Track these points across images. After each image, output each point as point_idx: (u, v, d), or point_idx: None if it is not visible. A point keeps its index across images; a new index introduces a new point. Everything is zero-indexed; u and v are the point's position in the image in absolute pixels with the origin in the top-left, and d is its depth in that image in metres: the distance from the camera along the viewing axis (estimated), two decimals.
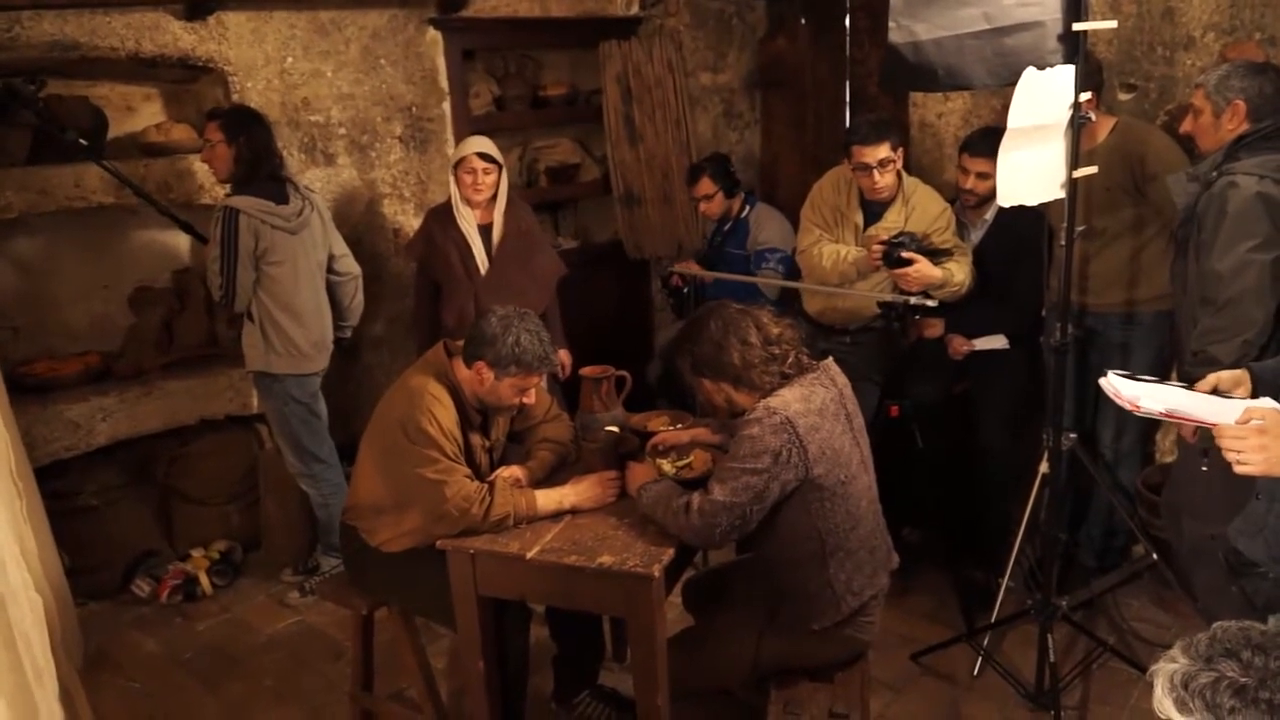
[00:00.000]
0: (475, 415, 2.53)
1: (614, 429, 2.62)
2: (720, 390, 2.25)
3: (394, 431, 2.40)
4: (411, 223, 4.31)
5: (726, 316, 2.24)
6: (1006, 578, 3.01)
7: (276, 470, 3.79)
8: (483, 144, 3.49)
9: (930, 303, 3.09)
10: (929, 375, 3.50)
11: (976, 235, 3.43)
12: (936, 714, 2.82)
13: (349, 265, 3.67)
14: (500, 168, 3.52)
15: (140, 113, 3.95)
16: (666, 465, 2.53)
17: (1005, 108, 2.36)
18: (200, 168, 3.64)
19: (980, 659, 2.96)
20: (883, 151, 3.16)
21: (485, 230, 3.56)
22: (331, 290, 3.61)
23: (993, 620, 3.01)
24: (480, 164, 3.44)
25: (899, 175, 3.28)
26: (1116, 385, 1.80)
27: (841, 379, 2.28)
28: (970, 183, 3.30)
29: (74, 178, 3.48)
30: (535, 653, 2.70)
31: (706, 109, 5.06)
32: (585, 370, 2.73)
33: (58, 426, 3.48)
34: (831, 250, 3.32)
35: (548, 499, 2.39)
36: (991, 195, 3.18)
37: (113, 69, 3.75)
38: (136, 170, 3.63)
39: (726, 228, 4.20)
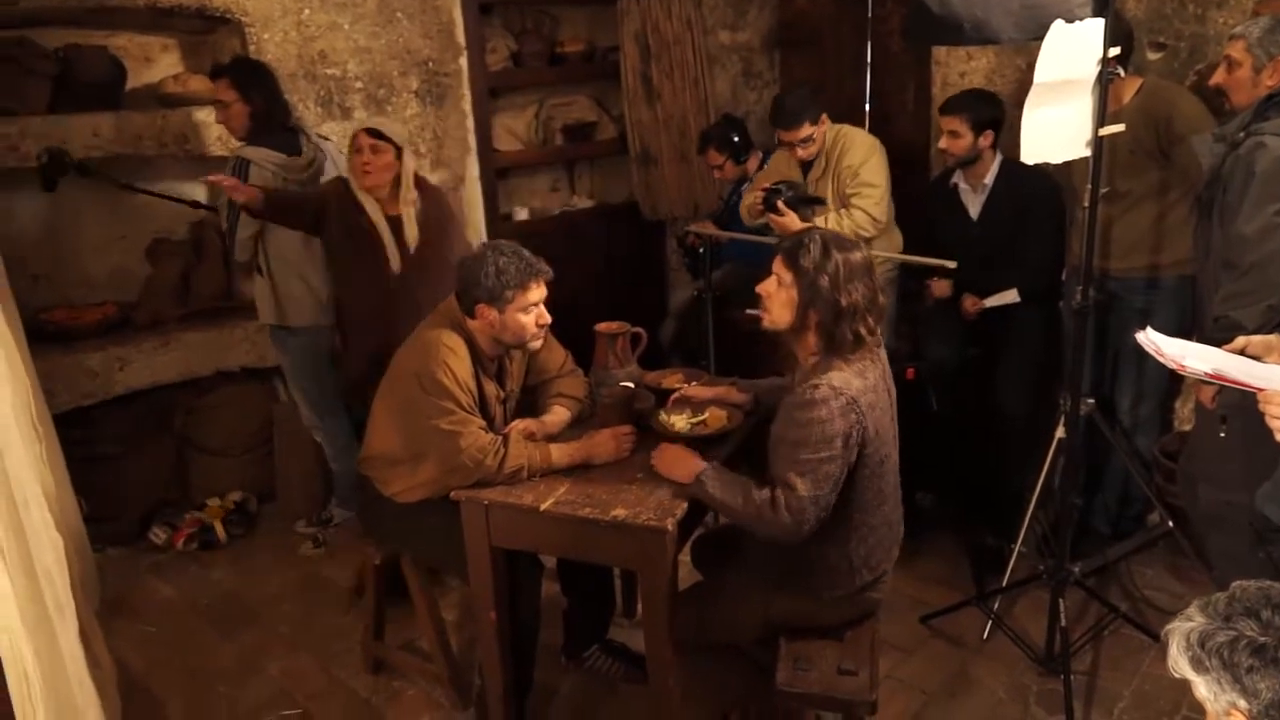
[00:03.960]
0: (490, 365, 2.53)
1: (629, 385, 2.61)
2: (803, 316, 2.09)
3: (409, 383, 2.40)
4: (429, 178, 4.27)
5: (870, 258, 2.13)
6: (1019, 543, 3.01)
7: (291, 423, 3.81)
8: (378, 121, 3.25)
9: (950, 264, 3.06)
10: (943, 337, 3.49)
11: (978, 199, 3.40)
12: (945, 675, 2.83)
13: None
14: (398, 149, 3.09)
15: (158, 64, 3.93)
16: (680, 422, 2.53)
17: (1030, 68, 2.31)
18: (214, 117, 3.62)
19: (990, 623, 2.96)
20: (803, 132, 3.50)
21: (394, 222, 3.12)
22: None
23: (1004, 584, 3.01)
24: (368, 140, 3.04)
25: (824, 136, 3.57)
26: (1158, 342, 1.75)
27: (883, 351, 2.22)
28: (944, 141, 3.35)
29: (92, 127, 3.47)
30: (546, 607, 2.73)
31: (725, 68, 5.00)
32: (601, 326, 2.72)
33: (77, 375, 3.50)
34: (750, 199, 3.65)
35: (562, 453, 2.39)
36: (968, 155, 3.30)
37: (131, 19, 3.73)
38: (154, 121, 3.62)
39: (744, 188, 4.17)
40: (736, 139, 4.16)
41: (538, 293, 2.43)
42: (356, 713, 2.79)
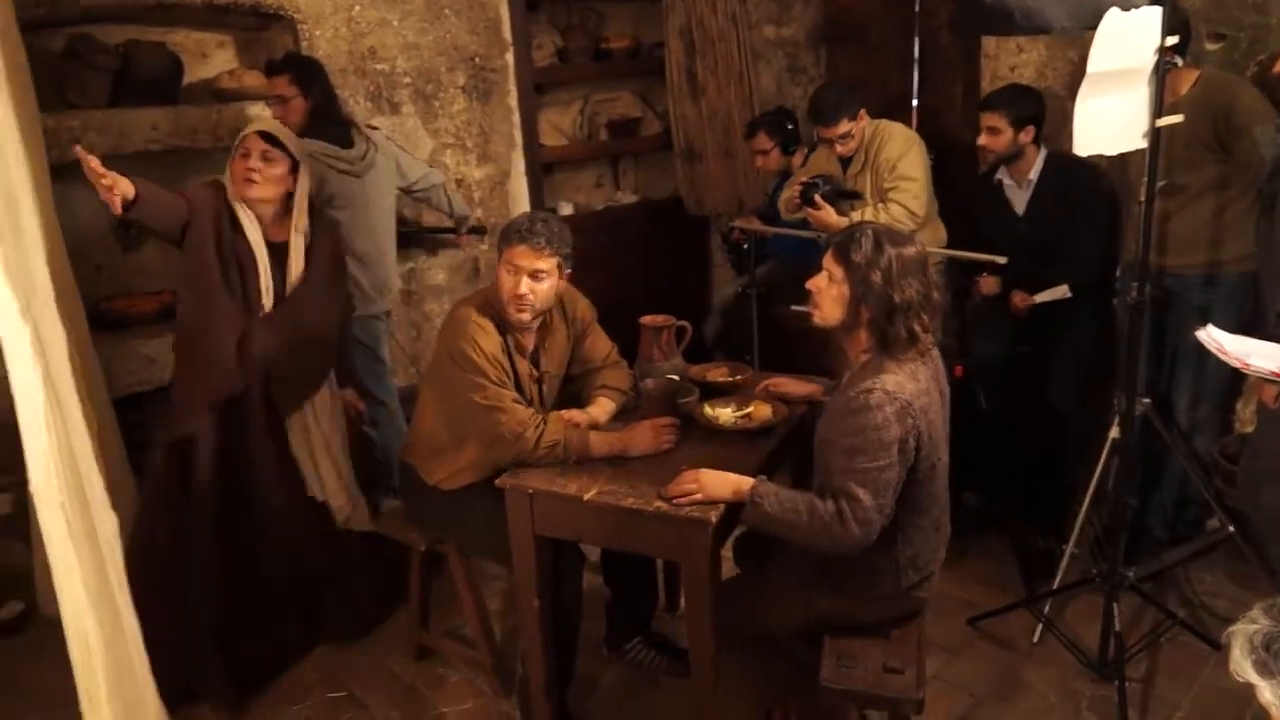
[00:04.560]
0: (522, 342, 2.54)
1: (673, 377, 2.61)
2: (854, 313, 2.06)
3: (444, 362, 2.45)
4: (474, 173, 4.33)
5: (924, 253, 2.08)
6: (1071, 545, 2.95)
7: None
8: (271, 124, 2.77)
9: (999, 260, 3.02)
10: (991, 334, 3.44)
11: (1023, 195, 3.35)
12: (993, 678, 2.78)
13: (430, 179, 3.74)
14: (293, 164, 2.66)
15: (213, 59, 4.00)
16: (726, 415, 2.52)
17: (1083, 60, 2.27)
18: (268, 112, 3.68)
19: (1041, 626, 2.91)
20: (841, 128, 3.48)
21: (275, 250, 2.69)
22: (427, 203, 3.83)
23: (1055, 587, 2.95)
24: (260, 145, 2.60)
25: (863, 131, 3.55)
26: (1220, 339, 1.71)
27: (936, 351, 2.18)
28: (983, 138, 3.30)
29: (151, 121, 3.55)
30: (587, 599, 2.74)
31: (770, 63, 4.97)
32: (646, 319, 2.72)
33: (134, 361, 3.58)
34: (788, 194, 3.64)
35: (601, 440, 2.40)
36: (1008, 152, 3.26)
37: (189, 16, 3.80)
38: (209, 116, 3.69)
39: (787, 183, 4.15)
40: (789, 127, 4.14)
41: (523, 257, 2.38)
42: (401, 697, 2.82)
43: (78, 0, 3.43)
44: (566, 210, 4.86)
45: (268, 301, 2.66)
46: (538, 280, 2.40)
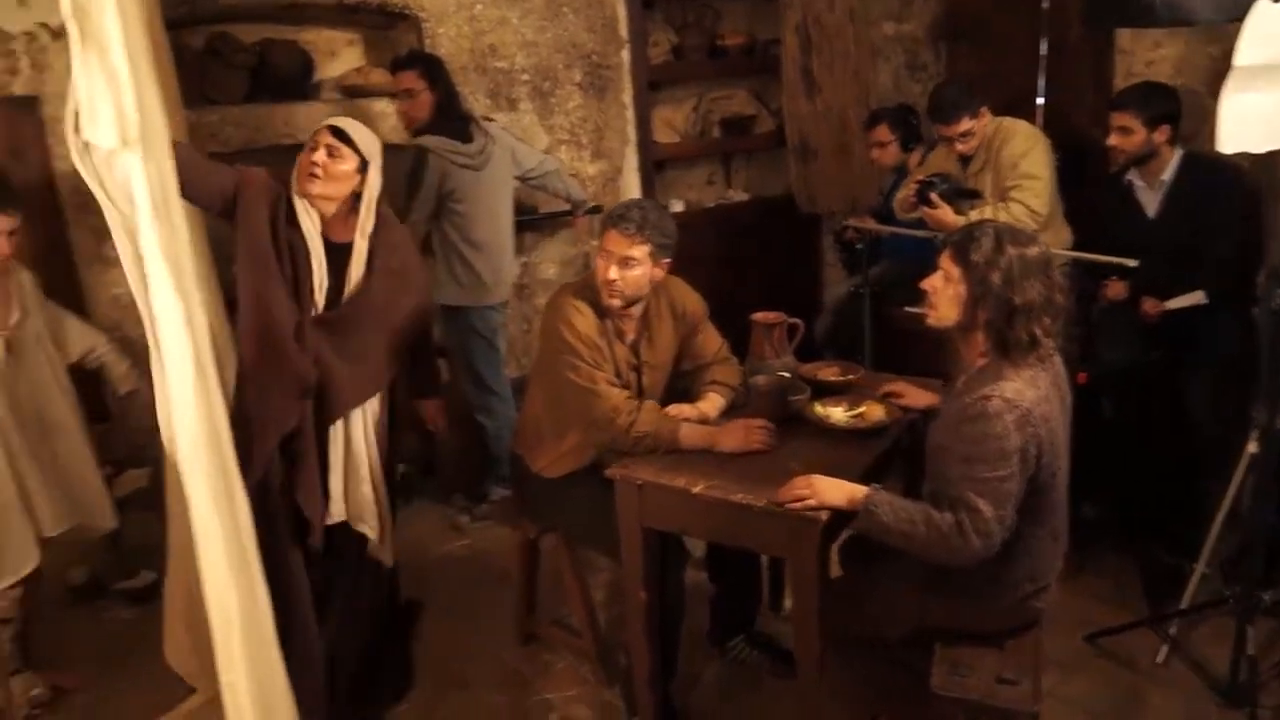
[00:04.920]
0: (622, 328, 2.55)
1: (784, 374, 2.59)
2: (971, 314, 2.00)
3: (545, 345, 2.52)
4: (588, 169, 4.38)
5: (1048, 254, 2.01)
6: (1202, 564, 2.81)
7: (453, 402, 3.95)
8: (345, 121, 2.47)
9: (1130, 263, 2.89)
10: (1118, 341, 3.29)
11: (1155, 196, 3.19)
12: (1113, 698, 2.67)
13: (545, 165, 3.82)
14: (362, 163, 2.42)
15: (342, 57, 4.16)
16: (837, 413, 2.49)
17: (1224, 57, 2.15)
18: (392, 107, 3.80)
19: (1166, 646, 2.77)
20: (962, 126, 3.39)
21: (335, 252, 2.46)
22: (544, 190, 3.89)
23: (1183, 606, 2.81)
24: (328, 139, 2.40)
25: (985, 129, 3.45)
26: None
27: (1058, 356, 2.10)
28: (1114, 139, 3.15)
29: (284, 116, 3.71)
30: (692, 595, 2.75)
31: (888, 59, 4.87)
32: (758, 316, 2.71)
33: None
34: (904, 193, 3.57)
35: (690, 432, 2.40)
36: (1140, 152, 3.10)
37: (320, 15, 3.97)
38: (337, 112, 3.83)
39: (902, 182, 4.06)
40: (912, 122, 4.06)
41: (614, 243, 2.39)
42: (507, 680, 2.88)
43: (216, 0, 3.62)
44: (677, 207, 4.87)
45: (320, 300, 2.43)
46: (627, 267, 2.41)
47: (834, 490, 2.06)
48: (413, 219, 3.50)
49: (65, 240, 3.44)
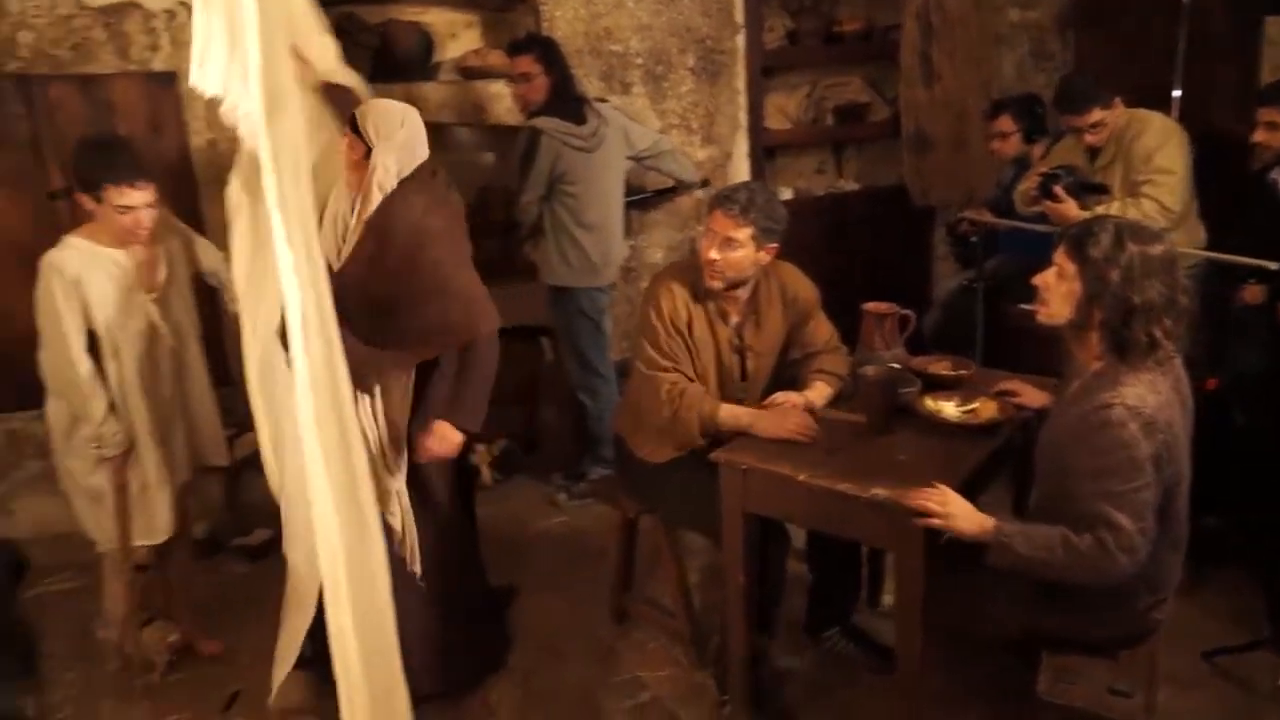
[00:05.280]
0: (726, 310, 2.55)
1: (894, 366, 2.55)
2: (1086, 313, 1.93)
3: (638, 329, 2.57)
4: (697, 154, 4.37)
5: (1173, 252, 1.93)
6: None
7: (556, 382, 4.04)
8: (364, 108, 2.46)
9: (1271, 265, 2.74)
10: (1253, 346, 3.12)
11: None
12: (1229, 718, 2.55)
13: (659, 145, 3.84)
14: (369, 150, 2.37)
15: (461, 39, 4.25)
16: (949, 408, 2.44)
17: None
18: (509, 89, 3.86)
19: None
20: (1092, 116, 3.28)
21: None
22: (657, 170, 3.92)
23: None
24: (345, 130, 2.45)
25: (1116, 121, 3.32)
26: None
27: (1178, 360, 2.01)
28: (1260, 134, 2.99)
29: (404, 96, 3.78)
30: (792, 584, 2.74)
31: (1012, 48, 4.72)
32: (869, 306, 2.66)
33: None
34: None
35: (729, 414, 2.44)
36: None
37: None
38: (456, 93, 3.93)
39: (1023, 175, 3.93)
40: (1037, 112, 3.92)
41: (718, 222, 2.41)
42: (601, 655, 2.92)
43: None
44: (786, 195, 4.82)
45: (339, 259, 2.42)
46: (730, 248, 2.41)
47: (967, 517, 1.98)
48: (524, 200, 3.56)
49: (198, 212, 3.61)
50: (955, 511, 1.98)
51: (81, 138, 2.68)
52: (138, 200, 2.52)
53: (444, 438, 2.49)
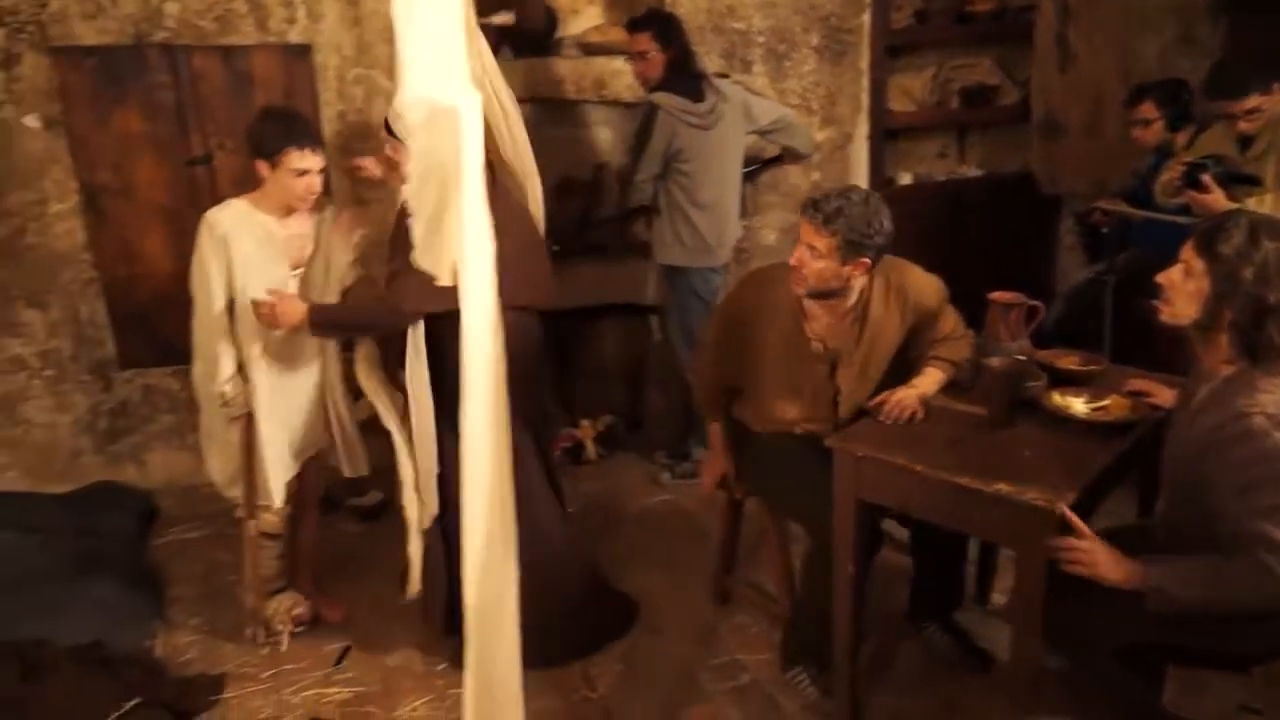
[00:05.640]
0: (816, 317, 2.50)
1: (1020, 358, 2.46)
2: (1214, 313, 1.84)
3: None
4: (816, 135, 4.29)
5: None
6: None
7: (663, 360, 4.04)
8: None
9: None
10: None
11: None
12: None
13: (785, 119, 3.74)
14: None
15: (584, 15, 4.26)
16: (1078, 404, 2.35)
17: None
18: (629, 66, 3.85)
19: None
20: (1250, 102, 3.11)
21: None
22: (778, 144, 3.84)
23: None
24: (388, 137, 2.61)
25: (1275, 107, 3.12)
26: None
27: None
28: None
29: (527, 70, 3.85)
30: (898, 575, 2.72)
31: (1157, 31, 4.46)
32: (995, 295, 2.57)
33: None
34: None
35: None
36: None
37: None
38: (576, 69, 3.94)
39: (1165, 164, 3.73)
40: (1184, 98, 3.71)
41: (803, 228, 2.34)
42: (701, 635, 2.93)
43: None
44: (905, 180, 4.70)
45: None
46: (812, 256, 2.32)
47: (1113, 565, 1.89)
48: (639, 178, 3.54)
49: (326, 182, 3.72)
50: (1101, 560, 1.89)
51: (263, 107, 2.76)
52: (313, 164, 2.61)
53: (286, 305, 2.55)
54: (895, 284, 2.51)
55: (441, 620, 2.76)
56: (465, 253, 1.76)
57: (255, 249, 2.64)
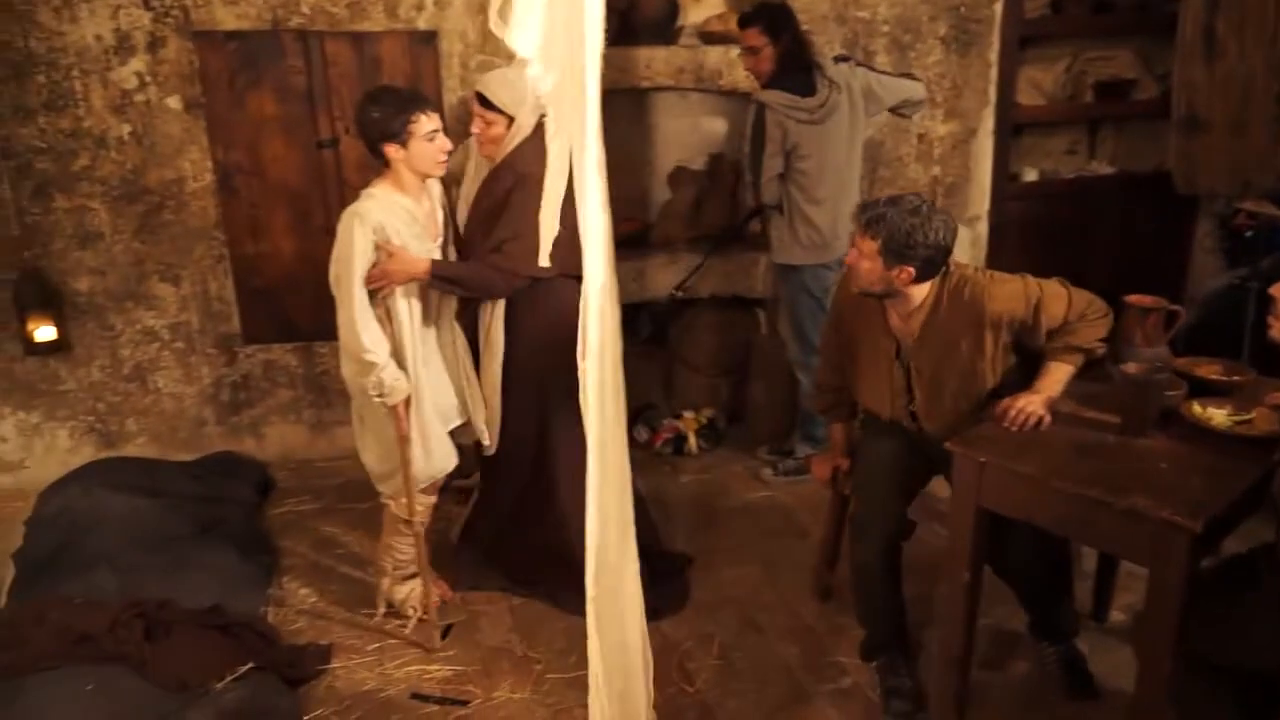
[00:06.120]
0: (891, 318, 2.49)
1: (1158, 365, 2.33)
2: None
3: None
4: (938, 129, 4.17)
5: None
6: None
7: (769, 355, 3.98)
8: (487, 83, 2.82)
9: None
10: None
11: None
12: None
13: (916, 93, 3.60)
14: (511, 119, 2.77)
15: (705, 3, 4.20)
16: (1219, 416, 2.21)
17: None
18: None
19: None
20: None
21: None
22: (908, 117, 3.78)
23: None
24: (479, 110, 2.82)
25: None
26: None
27: None
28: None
29: (647, 59, 3.84)
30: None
31: None
32: (1133, 298, 2.44)
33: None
34: None
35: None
36: None
37: None
38: (695, 58, 3.91)
39: None
40: None
41: (856, 234, 2.39)
42: (800, 635, 2.88)
43: None
44: (1030, 176, 4.51)
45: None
46: (860, 255, 2.37)
47: None
48: (765, 180, 3.45)
49: None
50: None
51: (365, 95, 2.67)
52: (438, 123, 2.63)
53: (405, 259, 2.62)
54: (969, 300, 2.39)
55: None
56: (586, 220, 1.76)
57: (405, 230, 2.64)
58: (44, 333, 3.58)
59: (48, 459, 3.77)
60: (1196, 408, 2.24)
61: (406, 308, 2.70)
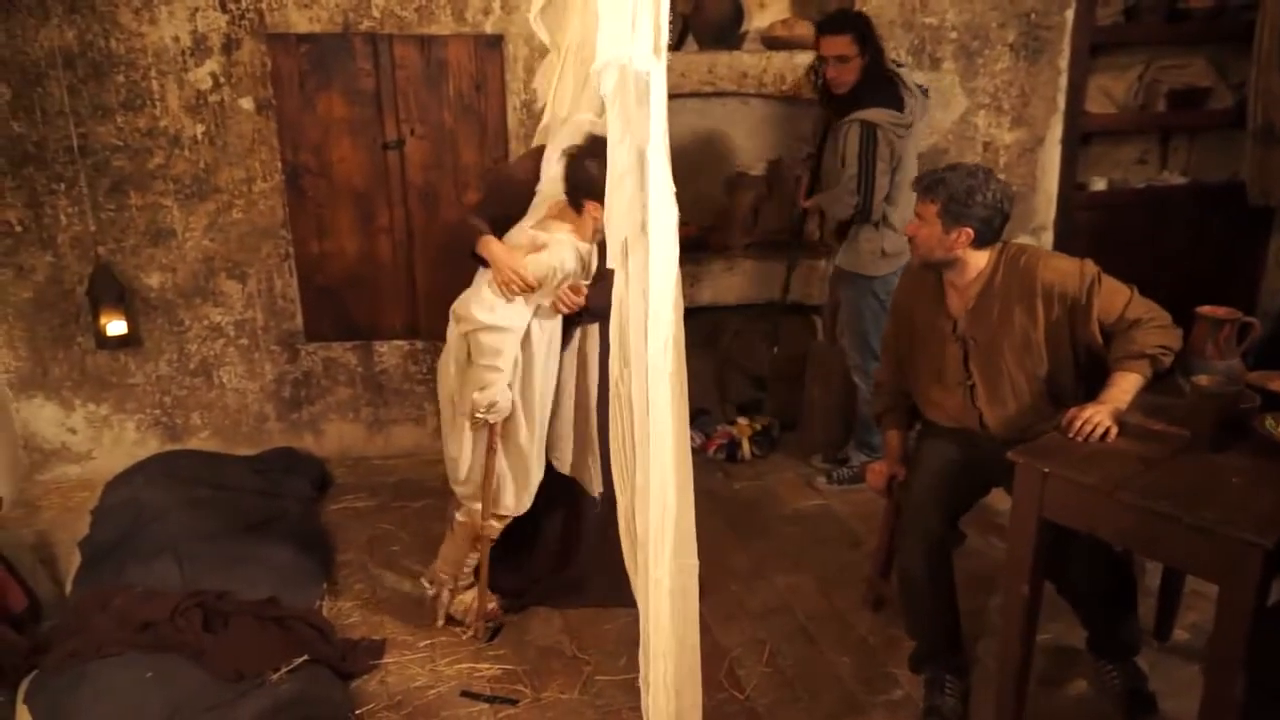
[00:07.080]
0: (949, 295, 2.55)
1: (1231, 378, 2.25)
2: None
3: None
4: (1004, 137, 4.11)
5: None
6: None
7: (825, 362, 3.95)
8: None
9: None
10: None
11: None
12: None
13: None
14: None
15: (770, 9, 4.19)
16: None
17: None
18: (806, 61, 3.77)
19: None
20: None
21: None
22: None
23: None
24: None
25: None
26: None
27: None
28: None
29: (709, 64, 3.83)
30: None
31: None
32: (1205, 309, 2.37)
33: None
34: None
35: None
36: None
37: None
38: (759, 63, 3.90)
39: None
40: None
41: (917, 202, 2.50)
42: (852, 646, 2.84)
43: None
44: (1099, 186, 4.41)
45: None
46: (920, 223, 2.49)
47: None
48: (877, 200, 3.39)
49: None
50: None
51: (593, 140, 2.59)
52: None
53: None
54: (1024, 268, 2.46)
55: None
56: (652, 218, 1.76)
57: (574, 274, 2.70)
58: (115, 327, 3.69)
59: (115, 450, 3.88)
60: (1270, 422, 2.16)
61: (543, 337, 2.72)
